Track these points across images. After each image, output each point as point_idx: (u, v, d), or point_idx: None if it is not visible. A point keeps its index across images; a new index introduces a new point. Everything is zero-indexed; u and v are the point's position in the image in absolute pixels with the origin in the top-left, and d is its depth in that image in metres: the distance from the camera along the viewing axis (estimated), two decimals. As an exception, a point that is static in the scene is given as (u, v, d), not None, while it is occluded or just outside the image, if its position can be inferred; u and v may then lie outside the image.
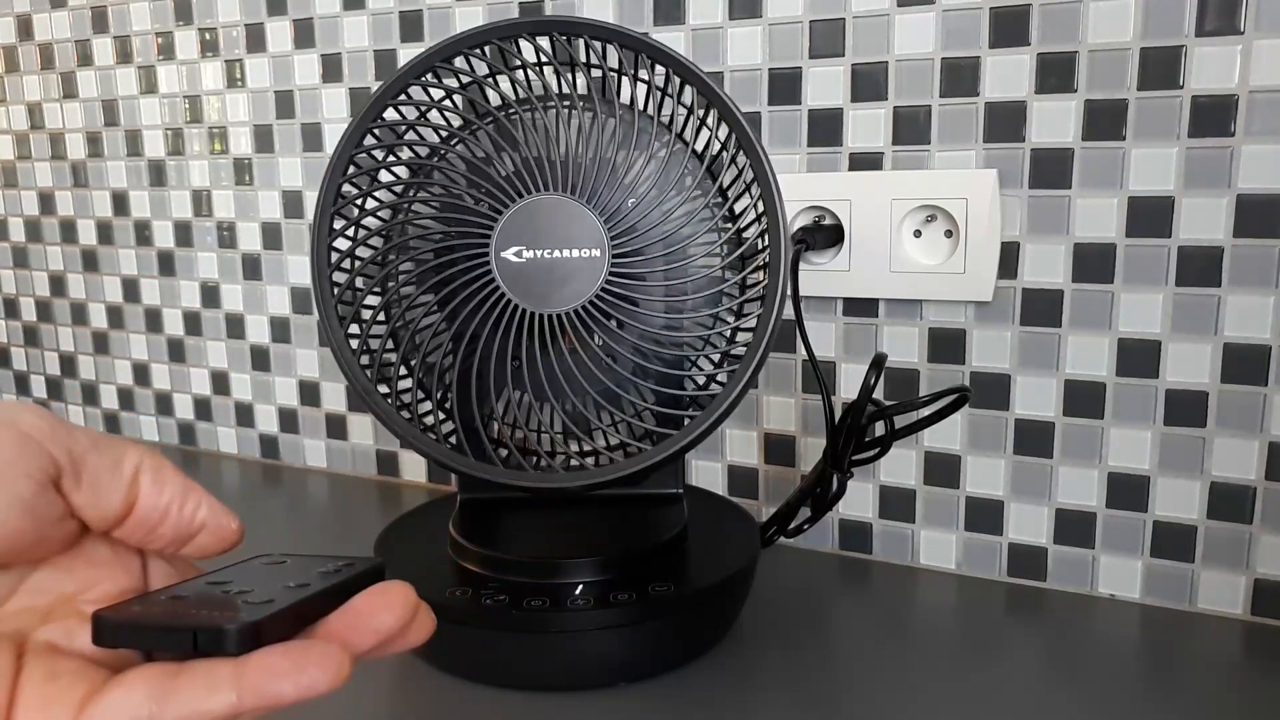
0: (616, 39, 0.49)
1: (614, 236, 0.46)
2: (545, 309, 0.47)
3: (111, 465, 0.26)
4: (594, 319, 0.47)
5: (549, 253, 0.46)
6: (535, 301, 0.47)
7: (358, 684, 0.51)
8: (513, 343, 0.47)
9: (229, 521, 0.28)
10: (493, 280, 0.47)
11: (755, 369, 0.47)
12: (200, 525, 0.28)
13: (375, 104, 0.50)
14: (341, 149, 0.50)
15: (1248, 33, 0.52)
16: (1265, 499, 0.56)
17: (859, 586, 0.63)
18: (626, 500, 0.58)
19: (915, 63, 0.60)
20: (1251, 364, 0.55)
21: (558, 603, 0.49)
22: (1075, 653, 0.54)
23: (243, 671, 0.23)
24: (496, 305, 0.47)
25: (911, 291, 0.62)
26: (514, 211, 0.47)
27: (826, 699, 0.49)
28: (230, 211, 0.86)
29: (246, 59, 0.82)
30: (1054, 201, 0.58)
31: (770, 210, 0.47)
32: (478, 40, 0.49)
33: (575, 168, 0.47)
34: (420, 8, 0.74)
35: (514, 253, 0.46)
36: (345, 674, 0.24)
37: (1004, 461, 0.62)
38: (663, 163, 0.48)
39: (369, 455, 0.84)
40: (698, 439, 0.47)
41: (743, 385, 0.47)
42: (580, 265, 0.46)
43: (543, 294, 0.47)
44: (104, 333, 0.96)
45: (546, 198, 0.47)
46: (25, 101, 0.95)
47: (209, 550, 0.28)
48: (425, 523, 0.60)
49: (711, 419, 0.46)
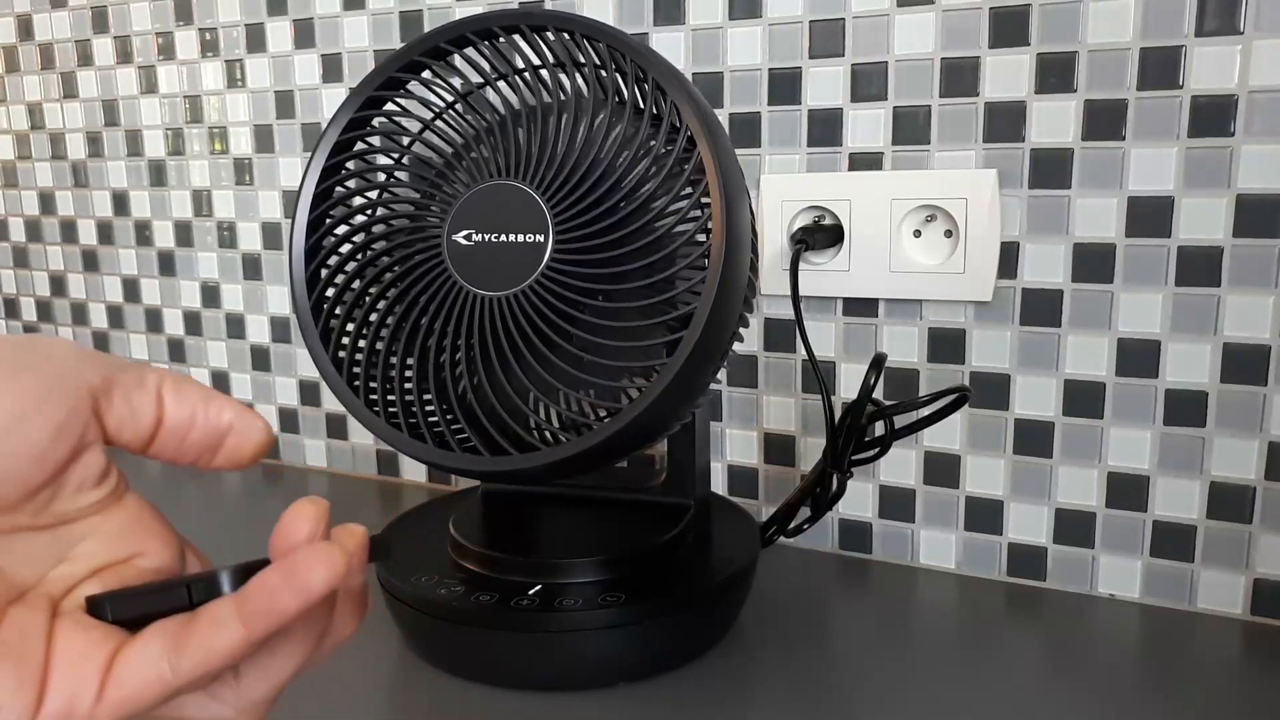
0: (552, 23, 0.48)
1: (559, 222, 0.46)
2: (488, 291, 0.46)
3: (138, 382, 0.27)
4: (533, 306, 0.45)
5: (497, 236, 0.46)
6: (480, 284, 0.46)
7: (358, 684, 0.51)
8: (454, 325, 0.47)
9: (254, 420, 0.29)
10: (441, 261, 0.47)
11: (697, 345, 0.44)
12: (228, 426, 0.28)
13: (351, 102, 0.51)
14: (321, 153, 0.51)
15: (1247, 33, 0.52)
16: (1265, 499, 0.56)
17: (859, 586, 0.63)
18: (629, 500, 0.58)
19: (915, 63, 0.60)
20: (1251, 364, 0.55)
21: (558, 602, 0.49)
22: (1075, 653, 0.54)
23: (243, 601, 0.24)
24: (444, 286, 0.47)
25: (911, 291, 0.62)
26: (469, 196, 0.47)
27: (826, 699, 0.49)
28: (230, 211, 0.86)
29: (247, 59, 0.82)
30: (1054, 201, 0.58)
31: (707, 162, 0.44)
32: (424, 50, 0.50)
33: (525, 154, 0.47)
34: (420, 8, 0.74)
35: (464, 236, 0.47)
36: (339, 567, 0.24)
37: (1004, 461, 0.62)
38: (613, 146, 0.46)
39: (369, 455, 0.84)
40: (644, 416, 0.45)
41: (684, 361, 0.44)
42: (525, 250, 0.46)
43: (488, 277, 0.46)
44: (104, 332, 0.96)
45: (501, 183, 0.47)
46: (25, 101, 0.95)
47: (241, 454, 0.29)
48: (425, 522, 0.60)
49: (653, 396, 0.44)
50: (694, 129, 0.45)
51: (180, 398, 0.28)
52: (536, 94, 0.48)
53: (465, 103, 0.50)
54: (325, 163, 0.51)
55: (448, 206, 0.48)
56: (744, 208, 0.46)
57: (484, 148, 0.48)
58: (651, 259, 0.45)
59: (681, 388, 0.45)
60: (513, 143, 0.48)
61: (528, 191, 0.46)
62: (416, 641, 0.54)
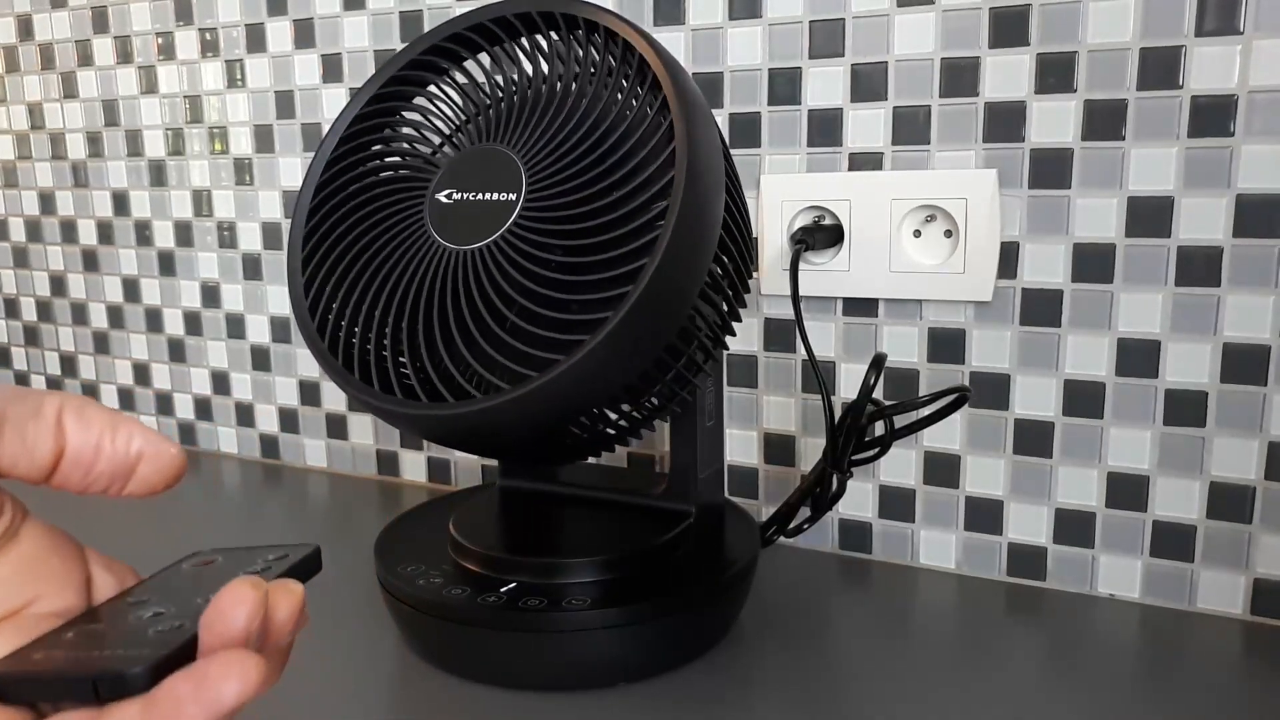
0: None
1: (532, 182, 0.46)
2: (456, 245, 0.47)
3: (33, 412, 0.26)
4: (494, 260, 0.45)
5: (474, 195, 0.47)
6: (452, 239, 0.47)
7: (358, 684, 0.51)
8: (420, 275, 0.47)
9: (166, 447, 0.27)
10: (421, 217, 0.48)
11: (647, 292, 0.43)
12: (138, 455, 0.27)
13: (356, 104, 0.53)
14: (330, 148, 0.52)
15: (1247, 33, 0.52)
16: (1265, 499, 0.56)
17: (859, 586, 0.63)
18: (630, 503, 0.58)
19: (915, 63, 0.60)
20: (1251, 364, 0.55)
21: (558, 602, 0.49)
22: (1075, 653, 0.54)
23: (150, 706, 0.22)
24: (416, 238, 0.48)
25: (911, 291, 0.62)
26: (456, 159, 0.49)
27: (826, 699, 0.49)
28: (230, 211, 0.86)
29: (247, 59, 0.82)
30: (1053, 201, 0.58)
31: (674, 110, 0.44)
32: (424, 51, 0.52)
33: (508, 119, 0.48)
34: (420, 8, 0.74)
35: (445, 195, 0.48)
36: (254, 677, 0.22)
37: (1004, 461, 0.62)
38: (586, 105, 0.47)
39: (369, 455, 0.84)
40: (582, 363, 0.43)
41: (630, 307, 0.42)
42: (498, 208, 0.46)
43: (461, 233, 0.47)
44: (104, 332, 0.96)
45: (486, 147, 0.48)
46: (25, 101, 0.95)
47: (154, 482, 0.27)
48: (425, 522, 0.60)
49: (591, 345, 0.43)
50: (649, 59, 0.46)
51: (84, 426, 0.26)
52: (533, 63, 0.50)
53: (467, 82, 0.52)
54: (343, 131, 0.52)
55: (437, 170, 0.49)
56: (711, 142, 0.46)
57: (480, 119, 0.50)
58: (616, 214, 0.45)
59: (630, 336, 0.43)
60: (501, 110, 0.49)
61: (507, 153, 0.47)
62: (416, 641, 0.54)
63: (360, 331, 0.48)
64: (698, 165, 0.44)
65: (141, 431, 0.27)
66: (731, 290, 0.51)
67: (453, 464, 0.81)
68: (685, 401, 0.53)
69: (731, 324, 0.52)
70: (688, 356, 0.49)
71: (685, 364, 0.49)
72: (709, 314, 0.50)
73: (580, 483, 0.61)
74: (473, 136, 0.50)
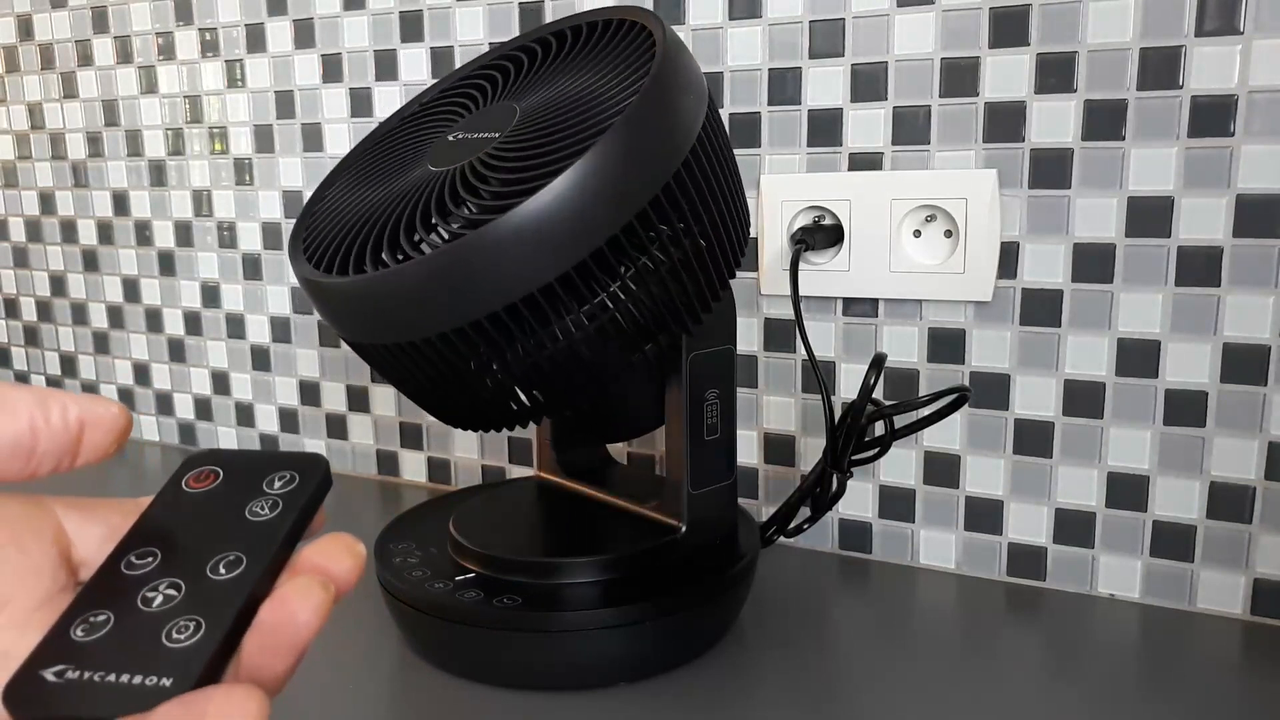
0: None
1: (519, 124, 0.47)
2: (436, 169, 0.48)
3: None
4: (461, 177, 0.45)
5: (473, 134, 0.49)
6: (435, 165, 0.48)
7: (358, 684, 0.51)
8: (397, 192, 0.48)
9: (106, 407, 0.26)
10: (425, 151, 0.50)
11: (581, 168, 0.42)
12: (78, 424, 0.25)
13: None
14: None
15: (1247, 33, 0.52)
16: (1265, 499, 0.56)
17: (859, 586, 0.63)
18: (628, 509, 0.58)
19: (915, 63, 0.60)
20: (1251, 364, 0.55)
21: (557, 602, 0.49)
22: (1074, 653, 0.54)
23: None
24: (407, 163, 0.50)
25: (911, 291, 0.62)
26: (476, 112, 0.51)
27: (826, 699, 0.49)
28: (230, 211, 0.86)
29: (247, 59, 0.82)
30: (1053, 201, 0.58)
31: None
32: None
33: (528, 78, 0.52)
34: (420, 8, 0.74)
35: (452, 136, 0.50)
36: (256, 710, 0.22)
37: (1003, 461, 0.62)
38: (590, 76, 0.49)
39: (369, 455, 0.84)
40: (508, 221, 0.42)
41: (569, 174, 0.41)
42: (483, 142, 0.48)
43: (444, 161, 0.48)
44: (104, 332, 0.96)
45: (505, 102, 0.51)
46: (25, 101, 0.95)
47: (105, 446, 0.26)
48: (425, 522, 0.60)
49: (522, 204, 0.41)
50: (656, 37, 0.47)
51: (10, 414, 0.25)
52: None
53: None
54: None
55: (459, 118, 0.52)
56: (690, 81, 0.46)
57: (510, 83, 0.53)
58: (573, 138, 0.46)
59: (562, 208, 0.42)
60: (525, 73, 0.53)
61: (514, 105, 0.49)
62: (416, 641, 0.54)
63: (334, 235, 0.49)
64: (666, 77, 0.45)
65: (74, 400, 0.26)
66: (713, 263, 0.48)
67: (453, 464, 0.81)
68: (658, 358, 0.49)
69: (709, 299, 0.48)
70: (633, 273, 0.45)
71: (629, 292, 0.46)
72: (672, 255, 0.46)
73: (581, 481, 0.61)
74: (501, 96, 0.53)
